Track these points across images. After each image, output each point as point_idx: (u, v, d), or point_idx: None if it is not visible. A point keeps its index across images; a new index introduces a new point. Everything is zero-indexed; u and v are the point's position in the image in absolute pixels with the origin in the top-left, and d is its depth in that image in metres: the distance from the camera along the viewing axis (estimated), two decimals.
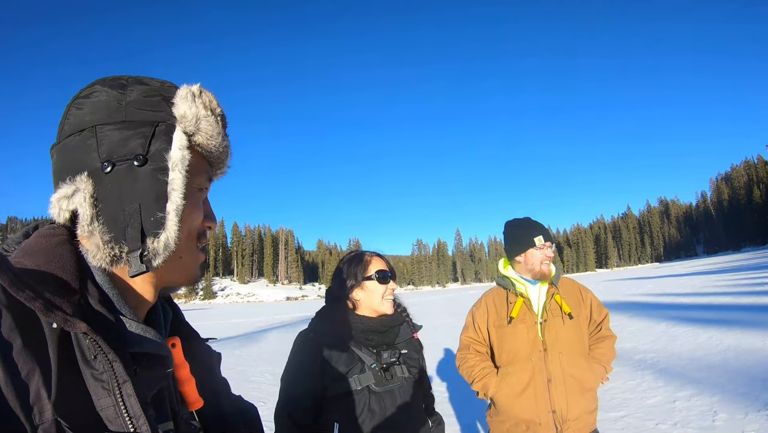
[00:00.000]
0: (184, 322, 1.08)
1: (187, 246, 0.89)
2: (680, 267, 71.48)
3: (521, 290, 3.08)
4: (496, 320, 3.12)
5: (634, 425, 5.63)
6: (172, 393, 0.94)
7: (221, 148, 0.93)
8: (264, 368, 11.74)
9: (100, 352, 0.71)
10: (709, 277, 33.53)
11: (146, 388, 0.82)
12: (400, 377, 2.25)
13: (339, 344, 2.24)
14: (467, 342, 3.26)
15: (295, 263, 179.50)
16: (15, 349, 0.67)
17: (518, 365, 2.96)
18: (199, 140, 0.88)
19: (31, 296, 0.67)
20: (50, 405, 0.66)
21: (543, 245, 3.05)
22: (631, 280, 46.45)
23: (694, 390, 6.69)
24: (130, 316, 0.82)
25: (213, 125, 0.89)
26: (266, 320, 32.14)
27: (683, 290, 24.89)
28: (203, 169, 0.91)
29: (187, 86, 0.89)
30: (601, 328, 3.08)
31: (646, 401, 6.51)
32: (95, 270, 0.81)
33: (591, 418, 2.92)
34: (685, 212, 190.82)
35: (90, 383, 0.71)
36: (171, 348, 0.95)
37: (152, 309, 0.96)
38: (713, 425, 5.32)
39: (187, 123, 0.86)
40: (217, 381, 1.13)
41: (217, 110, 0.91)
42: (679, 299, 19.95)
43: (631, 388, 7.21)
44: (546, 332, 2.96)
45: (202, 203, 0.92)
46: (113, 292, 0.82)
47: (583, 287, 3.17)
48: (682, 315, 14.49)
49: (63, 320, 0.68)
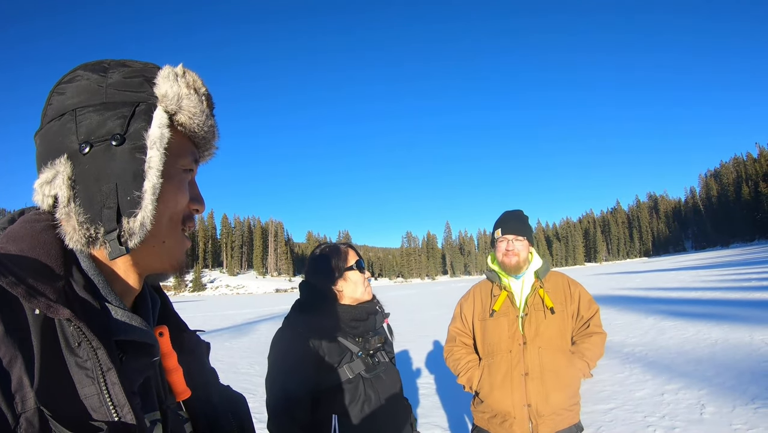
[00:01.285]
0: (172, 312, 1.07)
1: (170, 230, 0.87)
2: (669, 262, 72.09)
3: (505, 283, 3.08)
4: (480, 312, 3.15)
5: (622, 418, 5.64)
6: (159, 383, 0.92)
7: (206, 127, 0.90)
8: (254, 359, 11.71)
9: (84, 339, 0.69)
10: (697, 272, 33.78)
11: (132, 377, 0.81)
12: (383, 361, 2.31)
13: (328, 335, 2.22)
14: (454, 334, 3.27)
15: (284, 254, 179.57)
16: None
17: (497, 357, 2.98)
18: (181, 120, 0.86)
19: (13, 282, 0.66)
20: (33, 393, 0.65)
21: (502, 237, 3.08)
22: (619, 274, 46.68)
23: (682, 383, 6.71)
24: (116, 303, 0.81)
25: (196, 104, 0.86)
26: (256, 312, 32.07)
27: (672, 284, 25.06)
28: (188, 150, 0.89)
29: (170, 66, 0.87)
30: (589, 324, 3.04)
31: (634, 393, 6.53)
32: (81, 256, 0.79)
33: (570, 413, 2.90)
34: (674, 208, 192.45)
35: (74, 371, 0.70)
36: (159, 337, 0.94)
37: (140, 297, 0.94)
38: (701, 418, 5.33)
39: (169, 102, 0.84)
40: (206, 371, 1.11)
41: (201, 90, 0.89)
42: (667, 294, 20.06)
43: (620, 381, 7.23)
44: (526, 326, 2.96)
45: (187, 185, 0.89)
46: (99, 278, 0.80)
47: (573, 282, 3.14)
48: (670, 309, 14.59)
49: (46, 306, 0.67)
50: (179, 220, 0.88)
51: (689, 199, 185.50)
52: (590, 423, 5.41)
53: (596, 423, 5.53)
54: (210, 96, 0.93)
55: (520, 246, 3.03)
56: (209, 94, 0.93)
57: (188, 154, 0.89)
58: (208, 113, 0.91)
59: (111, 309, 0.79)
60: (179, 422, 0.97)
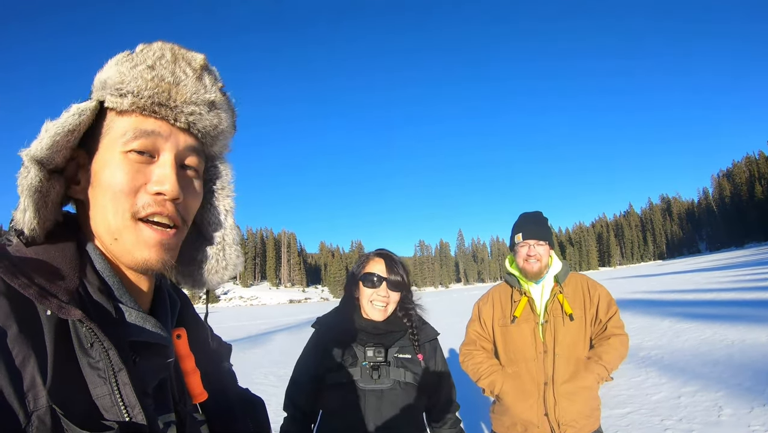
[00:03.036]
0: (192, 313, 1.07)
1: (121, 223, 0.80)
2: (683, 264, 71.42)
3: (526, 289, 3.01)
4: (500, 317, 3.07)
5: (639, 422, 5.63)
6: (175, 384, 0.93)
7: (158, 98, 0.82)
8: (268, 370, 11.73)
9: (96, 340, 0.71)
10: (712, 273, 33.51)
11: (147, 378, 0.82)
12: (393, 379, 2.22)
13: (338, 337, 2.30)
14: (474, 336, 3.19)
15: (297, 265, 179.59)
16: (10, 336, 0.66)
17: (519, 365, 2.93)
18: (112, 103, 0.81)
19: (26, 283, 0.68)
20: (45, 392, 0.66)
21: (523, 242, 3.00)
22: (634, 278, 46.37)
23: (699, 386, 6.68)
24: (130, 304, 0.82)
25: (136, 78, 0.81)
26: (269, 323, 32.10)
27: (687, 286, 24.84)
28: (135, 131, 0.81)
29: (126, 51, 0.87)
30: (606, 327, 2.93)
31: (651, 397, 6.50)
32: (95, 258, 0.81)
33: (590, 420, 2.86)
34: (687, 209, 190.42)
35: (86, 372, 0.71)
36: (176, 339, 0.95)
37: (158, 299, 0.95)
38: (718, 421, 5.31)
39: (97, 88, 0.84)
40: (224, 374, 1.12)
41: (159, 60, 0.85)
42: (682, 296, 19.91)
43: (636, 384, 7.20)
44: (546, 334, 2.90)
45: (136, 167, 0.81)
46: (113, 280, 0.81)
47: (593, 283, 3.05)
48: (685, 311, 14.49)
49: (57, 307, 0.68)
50: (126, 209, 0.80)
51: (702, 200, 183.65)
52: (607, 428, 5.36)
53: (613, 428, 5.51)
54: (180, 60, 0.87)
55: (542, 251, 2.95)
56: (180, 58, 0.87)
57: (135, 133, 0.81)
58: (170, 80, 0.84)
59: (125, 310, 0.81)
60: (195, 425, 0.98)
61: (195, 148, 0.90)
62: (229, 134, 0.99)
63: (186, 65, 0.87)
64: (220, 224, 1.00)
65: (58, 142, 0.77)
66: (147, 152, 0.82)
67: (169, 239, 0.84)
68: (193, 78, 0.87)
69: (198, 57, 0.89)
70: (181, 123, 0.86)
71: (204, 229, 1.01)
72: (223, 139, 0.98)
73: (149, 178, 0.82)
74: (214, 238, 1.00)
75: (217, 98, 0.91)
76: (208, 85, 0.90)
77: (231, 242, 1.01)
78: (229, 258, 1.00)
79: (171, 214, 0.84)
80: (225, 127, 0.95)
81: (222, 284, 1.01)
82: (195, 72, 0.88)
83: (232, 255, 1.01)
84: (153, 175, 0.82)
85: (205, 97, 0.88)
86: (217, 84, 0.94)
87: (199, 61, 0.89)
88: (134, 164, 0.81)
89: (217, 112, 0.92)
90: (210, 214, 1.00)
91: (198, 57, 0.89)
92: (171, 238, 0.85)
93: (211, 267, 0.99)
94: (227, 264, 1.00)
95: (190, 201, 0.89)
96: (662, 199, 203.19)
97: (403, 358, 2.29)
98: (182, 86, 0.85)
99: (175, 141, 0.85)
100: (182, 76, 0.86)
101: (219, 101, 0.92)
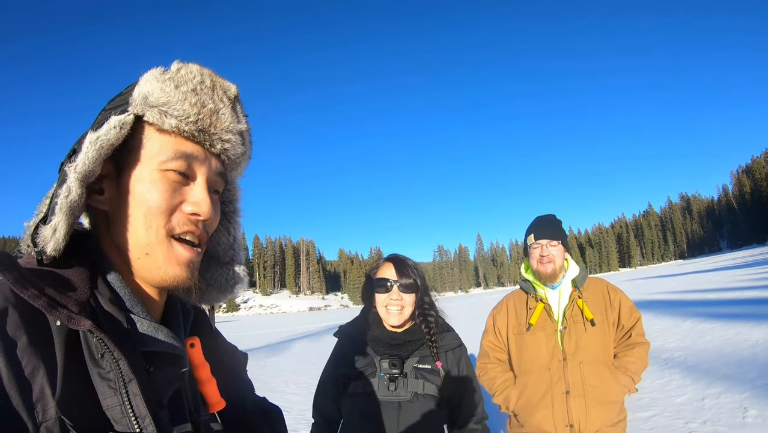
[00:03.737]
0: (207, 322, 1.08)
1: (153, 239, 0.82)
2: (704, 263, 70.45)
3: (541, 295, 2.94)
4: (515, 326, 3.01)
5: (663, 425, 5.57)
6: (189, 394, 0.93)
7: (198, 123, 0.85)
8: (288, 378, 11.71)
9: (107, 350, 0.71)
10: (734, 272, 33.02)
11: (161, 388, 0.83)
12: (411, 391, 2.18)
13: (357, 347, 2.32)
14: (487, 349, 3.13)
15: (316, 273, 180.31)
16: (19, 346, 0.67)
17: (536, 374, 2.84)
18: (152, 118, 0.82)
19: (35, 294, 0.68)
20: (54, 403, 0.66)
21: (535, 243, 2.95)
22: (655, 278, 45.79)
23: (724, 387, 6.58)
24: (142, 315, 0.82)
25: (178, 99, 0.83)
26: (289, 331, 32.14)
27: (709, 285, 24.50)
28: (173, 150, 0.83)
29: (161, 67, 0.87)
30: (630, 334, 2.85)
31: (674, 399, 6.43)
32: (108, 270, 0.82)
33: (616, 429, 2.75)
34: (707, 207, 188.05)
35: (97, 382, 0.71)
36: (190, 348, 0.96)
37: (171, 309, 0.95)
38: (743, 422, 5.24)
39: (136, 102, 0.83)
40: (241, 382, 1.12)
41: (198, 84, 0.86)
42: (704, 295, 19.63)
43: (659, 387, 7.12)
44: (566, 341, 2.81)
45: (173, 187, 0.83)
46: (125, 291, 0.82)
47: (612, 288, 2.96)
48: (708, 311, 14.27)
49: (67, 318, 0.68)
50: (161, 225, 0.82)
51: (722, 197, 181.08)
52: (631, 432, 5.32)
53: (637, 431, 5.46)
54: (218, 87, 0.89)
55: (555, 252, 2.89)
56: (218, 86, 0.90)
57: (175, 154, 0.83)
58: (211, 108, 0.86)
59: (137, 321, 0.81)
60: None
61: (221, 173, 0.93)
62: (248, 161, 1.02)
63: (223, 94, 0.89)
64: (230, 244, 1.05)
65: (101, 156, 0.79)
66: (185, 173, 0.85)
67: (196, 257, 0.86)
68: (229, 107, 0.90)
69: (232, 87, 0.92)
70: (216, 150, 0.89)
71: (212, 248, 1.04)
72: (242, 166, 1.00)
73: (185, 198, 0.85)
74: (222, 257, 1.04)
75: (246, 129, 0.95)
76: (239, 116, 0.93)
77: (238, 261, 1.06)
78: (237, 277, 1.05)
79: (200, 234, 0.87)
80: (248, 156, 0.99)
81: (225, 301, 1.05)
82: (230, 102, 0.90)
83: (239, 274, 1.05)
84: (189, 197, 0.85)
85: (238, 127, 0.91)
86: (244, 115, 0.96)
87: (233, 91, 0.92)
88: (172, 184, 0.83)
89: (245, 142, 0.95)
90: (220, 234, 1.04)
91: (232, 87, 0.92)
92: (197, 256, 0.87)
93: (220, 285, 1.02)
94: (235, 282, 1.04)
95: (214, 223, 0.92)
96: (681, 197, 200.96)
97: (422, 369, 2.24)
98: (221, 115, 0.88)
99: (209, 165, 0.88)
100: (221, 105, 0.88)
101: (246, 131, 0.96)
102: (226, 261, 1.04)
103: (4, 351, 0.65)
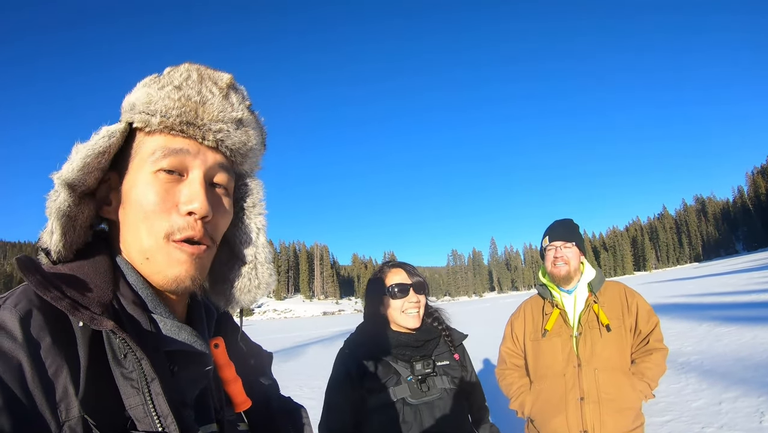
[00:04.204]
0: (231, 322, 1.09)
1: (150, 243, 0.83)
2: (720, 266, 69.60)
3: (557, 300, 2.95)
4: (532, 331, 3.02)
5: (679, 430, 5.54)
6: (215, 394, 0.94)
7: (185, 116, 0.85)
8: (303, 381, 11.75)
9: (130, 350, 0.71)
10: (750, 274, 32.66)
11: (186, 388, 0.84)
12: (440, 388, 2.21)
13: (373, 357, 2.26)
14: (505, 355, 3.16)
15: (330, 278, 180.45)
16: (43, 347, 0.69)
17: (551, 380, 2.85)
18: (139, 122, 0.84)
19: (58, 296, 0.70)
20: (77, 402, 0.68)
21: (550, 245, 2.96)
22: (670, 281, 45.31)
23: (741, 391, 6.53)
24: (165, 315, 0.84)
25: (163, 98, 0.84)
26: (304, 335, 32.16)
27: (725, 288, 24.21)
28: (165, 150, 0.84)
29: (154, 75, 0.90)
30: (648, 340, 2.82)
31: (691, 404, 6.38)
32: (128, 272, 0.83)
33: None
34: (722, 209, 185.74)
35: (120, 382, 0.72)
36: (214, 348, 0.96)
37: (194, 309, 0.97)
38: (761, 427, 5.20)
39: (125, 111, 0.86)
40: (266, 382, 1.13)
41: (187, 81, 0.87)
42: (721, 299, 19.40)
43: (676, 391, 7.07)
44: (581, 346, 2.80)
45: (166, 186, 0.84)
46: (147, 292, 0.83)
47: (630, 291, 2.94)
48: (725, 315, 14.10)
49: (90, 319, 0.70)
50: (160, 229, 0.82)
51: (737, 199, 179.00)
52: None
53: None
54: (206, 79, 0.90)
55: (569, 253, 2.90)
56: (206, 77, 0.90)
57: (164, 153, 0.83)
58: (197, 99, 0.86)
59: (159, 321, 0.82)
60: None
61: (224, 166, 0.91)
62: (259, 152, 1.01)
63: (212, 84, 0.89)
64: (252, 242, 1.00)
65: (89, 164, 0.80)
66: (176, 171, 0.84)
67: (199, 254, 0.85)
68: (219, 96, 0.89)
69: (224, 76, 0.92)
70: (209, 141, 0.88)
71: (235, 247, 1.01)
72: (253, 157, 0.99)
73: (179, 197, 0.84)
74: (246, 256, 1.00)
75: (244, 116, 0.93)
76: (234, 104, 0.91)
77: (263, 260, 1.01)
78: (262, 276, 1.00)
79: (201, 236, 0.85)
80: (254, 145, 0.97)
81: (255, 302, 1.01)
82: (221, 91, 0.90)
83: (265, 273, 1.00)
84: (182, 195, 0.84)
85: (232, 115, 0.90)
86: (245, 102, 0.95)
87: (225, 80, 0.91)
88: (164, 184, 0.83)
89: (245, 130, 0.93)
90: (241, 232, 1.00)
91: (224, 76, 0.92)
92: (201, 253, 0.86)
93: (243, 286, 0.99)
94: (260, 283, 1.00)
95: (219, 219, 0.90)
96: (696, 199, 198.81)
97: (443, 365, 2.30)
98: (209, 105, 0.87)
99: (203, 158, 0.87)
100: (209, 95, 0.88)
101: (246, 119, 0.94)
102: (250, 260, 1.00)
103: (28, 352, 0.67)
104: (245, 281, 0.99)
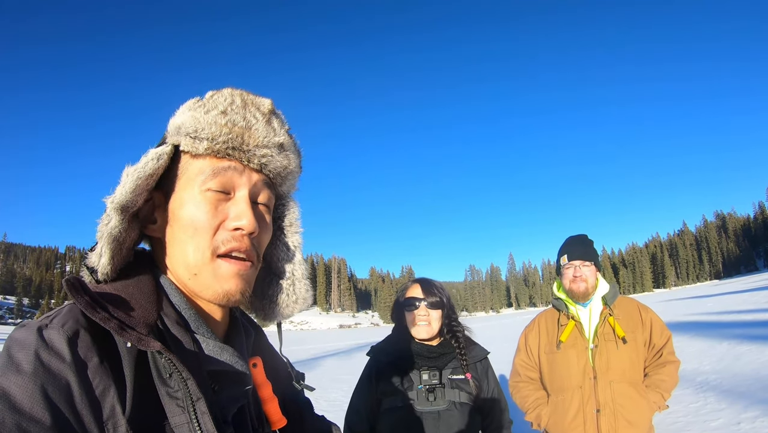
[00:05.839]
0: (266, 343, 1.13)
1: (201, 259, 0.85)
2: (741, 283, 68.45)
3: (573, 313, 3.00)
4: (546, 344, 3.07)
5: None
6: (253, 412, 0.96)
7: (230, 141, 0.88)
8: (318, 394, 11.65)
9: (175, 370, 0.73)
10: None
11: (227, 406, 0.86)
12: (448, 400, 2.34)
13: (392, 362, 2.47)
14: (518, 368, 3.21)
15: (347, 291, 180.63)
16: (90, 367, 0.70)
17: (567, 393, 2.89)
18: (186, 146, 0.88)
19: (106, 317, 0.72)
20: (124, 421, 0.70)
21: (569, 264, 3.01)
22: (690, 299, 44.59)
23: (760, 411, 6.47)
24: (207, 335, 0.86)
25: (207, 123, 0.87)
26: (319, 348, 32.15)
27: (745, 306, 23.78)
28: (211, 171, 0.87)
29: (196, 98, 0.93)
30: (662, 353, 2.89)
31: (709, 424, 6.34)
32: (172, 292, 0.87)
33: None
34: (743, 225, 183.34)
35: (165, 401, 0.74)
36: (252, 368, 0.98)
37: (233, 329, 0.99)
38: None
39: (170, 134, 0.89)
40: (300, 401, 1.16)
41: (226, 106, 0.90)
42: (741, 317, 19.07)
43: (694, 411, 7.02)
44: (597, 359, 2.84)
45: (215, 205, 0.87)
46: (190, 312, 0.86)
47: (644, 307, 3.01)
48: (745, 333, 13.91)
49: (137, 339, 0.72)
50: (207, 246, 0.85)
51: (758, 214, 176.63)
52: None
53: None
54: (250, 105, 0.92)
55: (588, 272, 2.95)
56: (249, 103, 0.92)
57: (213, 173, 0.87)
58: (242, 125, 0.89)
59: (202, 341, 0.85)
60: None
61: (267, 185, 0.95)
62: (297, 174, 1.04)
63: (255, 110, 0.92)
64: (290, 259, 1.05)
65: (139, 186, 0.82)
66: (224, 190, 0.88)
67: (246, 270, 0.88)
68: (263, 122, 0.92)
69: (266, 102, 0.94)
70: (254, 165, 0.91)
71: (274, 265, 1.06)
72: (292, 179, 1.03)
73: (227, 214, 0.87)
74: (284, 273, 1.05)
75: (285, 141, 0.96)
76: (276, 129, 0.94)
77: (300, 276, 1.06)
78: (299, 292, 1.05)
79: (247, 249, 0.88)
80: (293, 168, 1.00)
81: (292, 316, 1.05)
82: (264, 116, 0.92)
83: (302, 289, 1.05)
84: (231, 212, 0.87)
85: (275, 140, 0.93)
86: (284, 127, 0.98)
87: (267, 105, 0.94)
88: (213, 202, 0.86)
89: (286, 154, 0.96)
90: (279, 250, 1.05)
91: (266, 102, 0.94)
92: (248, 269, 0.88)
93: (282, 301, 1.04)
94: (297, 298, 1.05)
95: (263, 235, 0.94)
96: (717, 215, 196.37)
97: (456, 379, 2.40)
98: (254, 130, 0.90)
99: (248, 178, 0.90)
100: (253, 120, 0.90)
101: (287, 143, 0.97)
102: (288, 276, 1.05)
103: (76, 372, 0.69)
104: (284, 296, 1.04)
